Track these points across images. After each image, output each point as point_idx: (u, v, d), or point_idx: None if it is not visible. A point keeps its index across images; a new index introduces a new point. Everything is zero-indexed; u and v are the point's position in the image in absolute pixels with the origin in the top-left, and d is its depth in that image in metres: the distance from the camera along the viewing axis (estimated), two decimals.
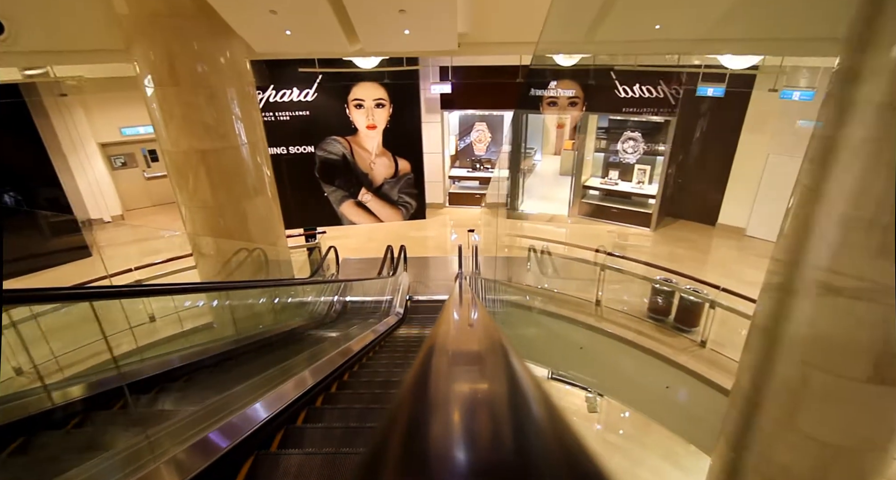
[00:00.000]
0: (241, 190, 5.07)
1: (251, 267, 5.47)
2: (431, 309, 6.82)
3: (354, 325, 5.55)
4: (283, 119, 9.21)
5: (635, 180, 9.99)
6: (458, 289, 4.03)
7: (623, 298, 6.71)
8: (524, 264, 7.62)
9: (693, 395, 5.07)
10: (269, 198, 5.58)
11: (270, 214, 5.60)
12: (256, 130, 5.11)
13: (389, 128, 9.78)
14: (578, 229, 10.06)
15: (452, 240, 9.91)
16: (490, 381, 0.68)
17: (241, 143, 4.90)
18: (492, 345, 0.92)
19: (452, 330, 1.24)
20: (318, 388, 2.96)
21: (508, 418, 0.51)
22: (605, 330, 6.08)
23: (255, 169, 5.18)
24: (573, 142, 14.60)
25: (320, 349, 4.26)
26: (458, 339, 1.10)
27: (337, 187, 10.20)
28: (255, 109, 5.10)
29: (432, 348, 0.84)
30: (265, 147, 5.40)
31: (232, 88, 4.60)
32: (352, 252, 9.15)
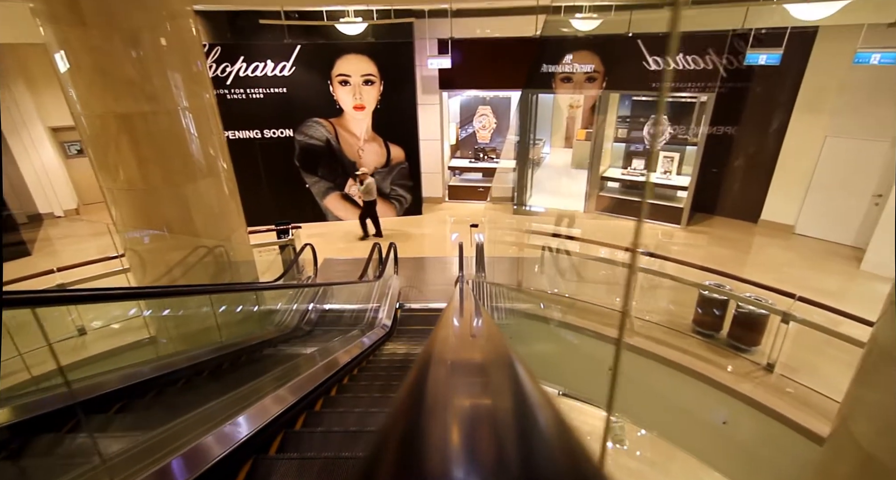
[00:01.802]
0: (182, 169, 4.13)
1: (201, 269, 4.53)
2: (426, 320, 5.86)
3: (328, 342, 4.60)
4: (257, 97, 8.27)
5: (661, 169, 9.04)
6: (458, 295, 3.24)
7: (660, 307, 5.76)
8: (537, 265, 6.65)
9: (761, 435, 4.10)
10: (222, 181, 4.62)
11: (223, 201, 4.65)
12: (202, 91, 4.16)
13: (380, 109, 8.83)
14: (597, 225, 9.09)
15: (453, 240, 8.94)
16: (495, 401, 0.56)
17: (180, 106, 3.95)
18: (497, 360, 0.79)
19: (451, 342, 0.99)
20: (257, 440, 2.07)
21: (517, 445, 0.44)
22: (640, 347, 5.12)
23: (200, 142, 4.23)
24: (587, 130, 13.69)
25: (275, 379, 3.33)
26: (458, 353, 0.87)
27: (320, 178, 9.25)
28: (201, 62, 4.13)
29: (427, 363, 0.71)
30: (215, 114, 4.45)
31: (164, 31, 3.64)
32: (337, 252, 8.20)
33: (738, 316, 4.74)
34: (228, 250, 5.10)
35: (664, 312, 5.76)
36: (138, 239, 4.36)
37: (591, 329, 5.48)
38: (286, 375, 3.38)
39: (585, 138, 13.64)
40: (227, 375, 3.71)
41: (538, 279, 6.50)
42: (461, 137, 11.61)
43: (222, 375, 3.66)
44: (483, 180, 11.28)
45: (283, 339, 4.66)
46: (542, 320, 5.92)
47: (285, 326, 4.92)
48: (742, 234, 8.24)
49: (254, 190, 8.93)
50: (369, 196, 8.32)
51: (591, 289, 6.24)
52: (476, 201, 10.68)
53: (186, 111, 4.02)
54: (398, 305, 6.00)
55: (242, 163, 8.76)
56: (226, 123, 8.45)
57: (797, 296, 4.10)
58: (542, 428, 0.49)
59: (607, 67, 8.00)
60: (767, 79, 7.42)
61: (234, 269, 4.93)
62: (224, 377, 3.70)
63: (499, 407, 0.55)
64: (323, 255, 8.05)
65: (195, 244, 4.41)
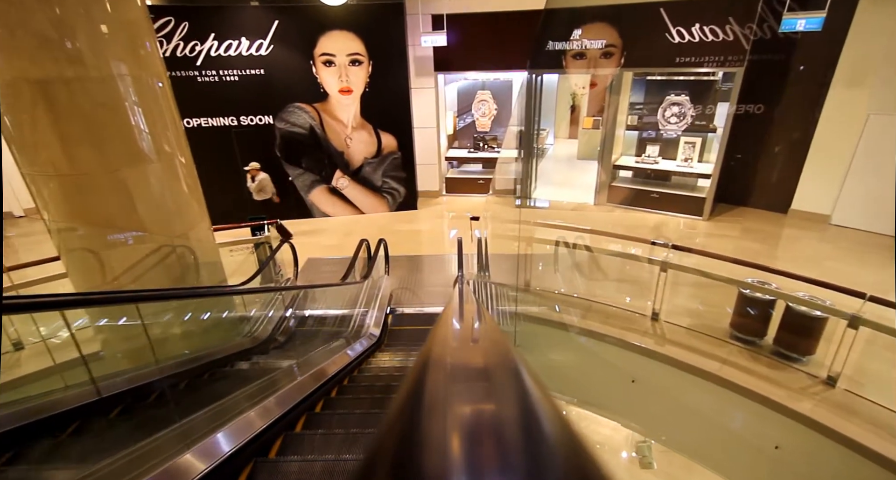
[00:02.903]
0: (121, 151, 3.51)
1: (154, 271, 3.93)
2: (421, 327, 5.23)
3: (304, 355, 3.97)
4: (231, 80, 7.63)
5: (681, 156, 8.42)
6: (457, 297, 2.65)
7: (692, 308, 5.16)
8: (549, 263, 6.03)
9: (825, 464, 3.48)
10: (177, 166, 4.00)
11: (177, 191, 4.02)
12: (146, 56, 3.53)
13: (369, 93, 8.20)
14: (611, 219, 8.47)
15: (451, 237, 8.32)
16: (500, 413, 0.53)
17: (118, 72, 3.32)
18: (502, 368, 0.72)
19: (449, 349, 0.87)
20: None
21: (525, 461, 0.41)
22: (669, 356, 4.51)
23: (146, 118, 3.60)
24: (595, 118, 13.09)
25: (236, 403, 2.73)
26: (457, 360, 0.76)
27: (304, 170, 8.61)
28: (143, 19, 3.49)
29: (421, 373, 0.66)
30: (166, 86, 3.81)
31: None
32: (324, 251, 7.58)
33: (788, 319, 4.13)
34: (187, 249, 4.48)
35: (695, 314, 5.15)
36: (74, 236, 3.74)
37: (613, 335, 4.87)
38: (246, 401, 2.77)
39: (593, 126, 13.07)
40: (173, 401, 3.09)
41: (551, 279, 5.87)
42: (459, 127, 10.99)
43: (167, 402, 3.04)
44: (483, 171, 10.67)
45: (251, 353, 4.04)
46: (555, 325, 5.30)
47: (255, 337, 4.29)
48: (772, 225, 7.63)
49: (230, 184, 8.31)
50: (263, 195, 7.61)
51: (612, 289, 5.63)
52: (476, 195, 10.06)
53: (126, 79, 3.38)
54: (389, 310, 5.37)
55: (217, 154, 8.15)
56: (197, 109, 7.85)
57: (868, 295, 3.48)
58: (552, 443, 0.46)
59: (625, 41, 7.36)
60: (800, 50, 6.81)
61: (193, 271, 4.30)
62: (169, 404, 3.08)
63: (504, 420, 0.50)
64: (307, 254, 7.43)
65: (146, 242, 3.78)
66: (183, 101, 7.64)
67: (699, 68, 7.06)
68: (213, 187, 8.43)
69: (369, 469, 0.45)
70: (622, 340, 4.81)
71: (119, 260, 3.71)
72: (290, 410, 2.74)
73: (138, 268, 3.81)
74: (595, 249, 5.29)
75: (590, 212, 8.91)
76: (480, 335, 1.11)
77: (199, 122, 7.80)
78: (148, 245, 3.84)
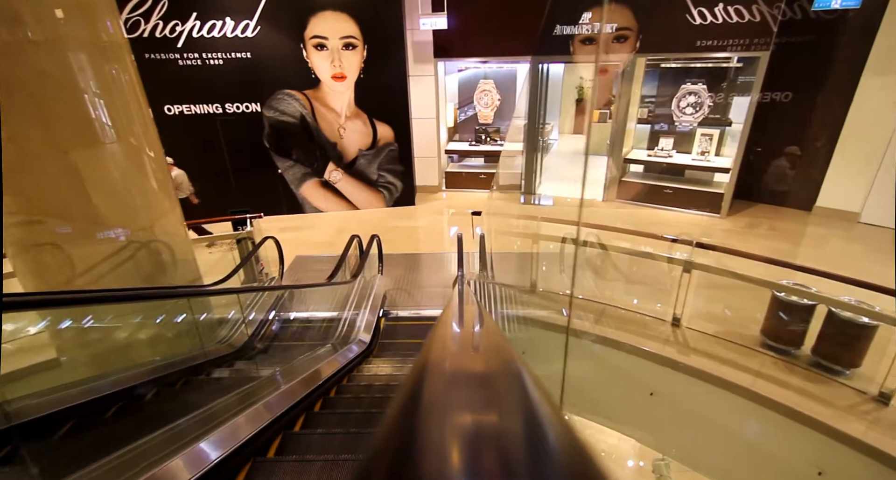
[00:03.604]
0: (71, 128, 3.11)
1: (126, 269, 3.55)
2: (416, 332, 4.83)
3: (284, 364, 3.57)
4: (215, 64, 7.21)
5: (697, 149, 8.01)
6: (456, 298, 2.27)
7: (716, 313, 4.76)
8: (555, 262, 5.63)
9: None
10: (145, 162, 3.61)
11: (141, 177, 3.62)
12: (103, 15, 3.13)
13: (364, 80, 7.78)
14: (621, 216, 8.07)
15: (451, 235, 7.91)
16: (503, 427, 0.50)
17: (67, 35, 2.93)
18: (506, 377, 0.67)
19: (447, 356, 0.80)
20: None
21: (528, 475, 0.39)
22: (693, 367, 4.11)
23: (101, 91, 3.20)
24: (602, 111, 12.70)
25: (197, 424, 2.35)
26: (456, 370, 0.71)
27: (295, 162, 8.20)
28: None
29: (419, 381, 0.62)
30: (133, 75, 3.44)
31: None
32: (315, 248, 7.18)
33: (831, 327, 3.72)
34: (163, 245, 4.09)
35: (720, 319, 4.74)
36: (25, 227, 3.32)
37: (629, 343, 4.46)
38: (213, 418, 2.37)
39: (600, 120, 12.68)
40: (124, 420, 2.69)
41: (559, 279, 5.46)
42: (460, 119, 10.59)
43: (115, 421, 2.64)
44: (485, 165, 10.27)
45: (223, 362, 3.63)
46: (564, 331, 4.88)
47: (230, 344, 3.87)
48: (796, 223, 7.22)
49: (215, 176, 7.90)
50: (179, 193, 7.16)
51: (627, 291, 5.22)
52: (478, 190, 9.66)
53: (77, 44, 2.98)
54: (381, 312, 4.96)
55: (200, 144, 7.74)
56: (179, 94, 7.43)
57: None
58: (560, 461, 0.43)
59: (641, 24, 6.94)
60: (829, 32, 6.39)
61: (163, 269, 3.90)
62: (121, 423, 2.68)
63: (508, 436, 0.48)
64: (296, 251, 7.03)
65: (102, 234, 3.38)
66: (163, 86, 7.28)
67: (721, 52, 6.65)
68: (196, 179, 8.06)
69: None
70: (639, 348, 4.40)
71: (79, 256, 3.31)
72: (260, 431, 2.35)
73: (104, 265, 3.42)
74: (610, 246, 4.87)
75: (598, 209, 8.51)
76: (482, 341, 1.02)
77: (180, 109, 7.39)
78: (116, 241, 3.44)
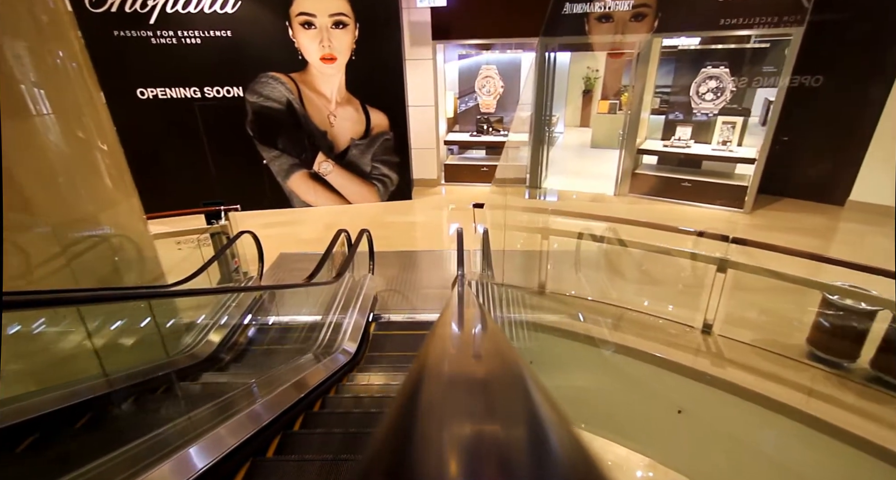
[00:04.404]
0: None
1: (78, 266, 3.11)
2: (411, 340, 4.33)
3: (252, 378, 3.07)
4: (192, 43, 6.70)
5: (717, 139, 7.51)
6: (456, 300, 1.95)
7: (752, 319, 4.28)
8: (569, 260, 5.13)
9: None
10: (97, 158, 3.18)
11: (89, 159, 3.16)
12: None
13: (356, 62, 7.28)
14: (633, 211, 7.57)
15: (451, 233, 7.42)
16: (508, 449, 0.45)
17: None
18: (511, 389, 0.61)
19: (445, 364, 0.75)
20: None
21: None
22: (730, 382, 3.63)
23: (29, 52, 2.74)
24: (611, 102, 12.21)
25: (130, 460, 1.87)
26: (455, 379, 0.65)
27: (281, 152, 7.70)
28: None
29: (413, 393, 0.58)
30: (82, 63, 3.01)
31: None
32: (302, 245, 6.70)
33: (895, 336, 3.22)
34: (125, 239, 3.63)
35: (757, 326, 4.26)
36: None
37: (652, 352, 3.97)
38: (155, 450, 1.90)
39: (608, 111, 12.21)
40: (52, 448, 2.22)
41: (572, 280, 4.97)
42: (461, 110, 10.09)
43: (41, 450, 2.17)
44: (487, 157, 9.78)
45: (184, 375, 3.13)
46: (578, 338, 4.39)
47: (193, 354, 3.37)
48: (828, 219, 6.73)
49: (194, 167, 7.41)
50: None
51: (649, 293, 4.73)
52: (479, 184, 9.17)
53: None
54: (370, 317, 4.47)
55: (176, 131, 7.25)
56: (153, 77, 6.92)
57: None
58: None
59: (660, 0, 6.43)
60: (868, 9, 5.89)
61: (108, 265, 3.42)
62: (46, 452, 2.21)
63: (516, 457, 0.44)
64: (281, 248, 6.55)
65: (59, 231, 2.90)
66: (136, 67, 6.78)
67: (748, 30, 6.14)
68: (173, 169, 7.58)
69: None
70: (665, 359, 3.91)
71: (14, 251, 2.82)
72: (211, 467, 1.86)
73: (53, 262, 2.95)
74: (631, 243, 4.37)
75: (610, 204, 8.01)
76: (484, 349, 0.93)
77: (154, 92, 6.89)
78: (50, 234, 2.96)
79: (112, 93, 6.76)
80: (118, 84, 6.72)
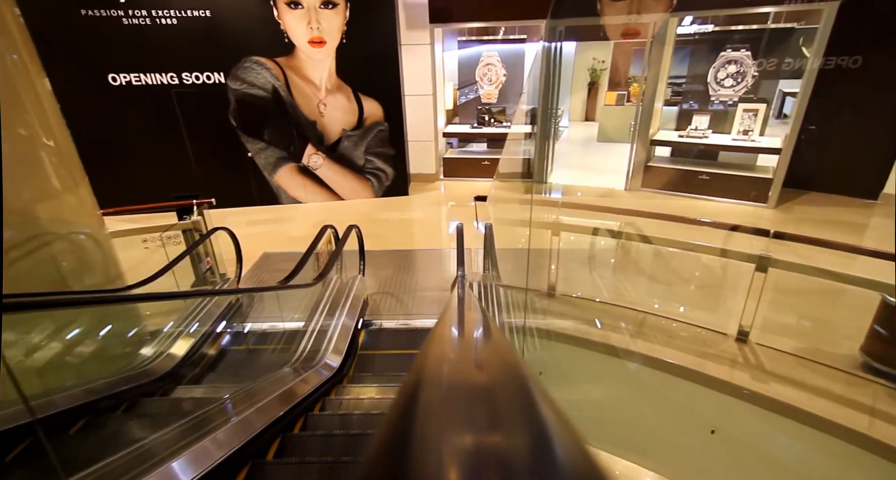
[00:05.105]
0: None
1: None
2: (406, 349, 3.90)
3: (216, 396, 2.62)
4: (167, 23, 6.26)
5: (737, 128, 7.08)
6: (456, 304, 1.68)
7: (792, 324, 3.85)
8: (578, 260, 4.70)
9: None
10: (42, 159, 2.76)
11: (42, 187, 2.74)
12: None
13: (347, 46, 6.85)
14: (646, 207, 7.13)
15: (451, 232, 6.98)
16: (516, 466, 0.42)
17: None
18: (517, 402, 0.57)
19: (444, 375, 0.69)
20: None
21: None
22: (771, 398, 3.21)
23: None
24: (619, 93, 11.79)
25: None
26: (454, 392, 0.60)
27: (268, 144, 7.26)
28: None
29: (407, 407, 0.55)
30: (25, 55, 2.60)
31: None
32: (289, 244, 6.26)
33: None
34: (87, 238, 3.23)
35: (800, 333, 3.82)
36: None
37: (681, 364, 3.54)
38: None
39: (616, 103, 11.80)
40: None
41: (586, 281, 4.53)
42: (461, 102, 9.65)
43: None
44: (489, 151, 9.35)
45: (135, 395, 2.69)
46: (594, 347, 3.95)
47: (148, 370, 2.92)
48: (860, 215, 6.30)
49: (172, 161, 6.97)
50: None
51: (673, 296, 4.30)
52: (480, 179, 8.73)
53: None
54: (361, 323, 4.03)
55: (152, 121, 6.81)
56: (125, 61, 6.44)
57: None
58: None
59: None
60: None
61: (51, 265, 2.97)
62: None
63: (520, 474, 0.41)
64: (266, 247, 6.11)
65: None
66: (106, 50, 6.33)
67: (775, 6, 5.70)
68: (149, 163, 7.13)
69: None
70: (696, 371, 3.48)
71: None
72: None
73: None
74: (655, 239, 3.93)
75: (622, 199, 7.58)
76: (487, 357, 0.85)
77: (128, 78, 6.44)
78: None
79: (79, 79, 6.35)
80: (87, 69, 6.28)
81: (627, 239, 4.12)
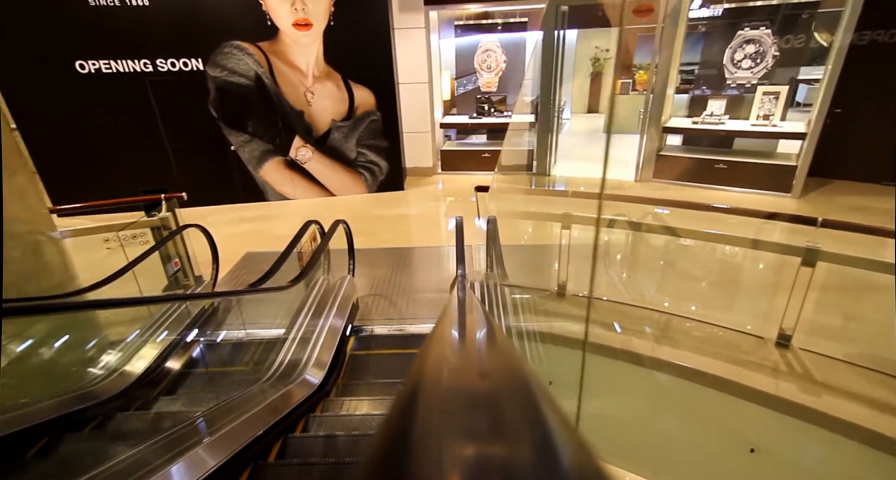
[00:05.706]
0: None
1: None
2: (400, 359, 3.50)
3: (170, 424, 2.21)
4: (138, 5, 5.84)
5: (757, 112, 6.67)
6: (455, 306, 1.42)
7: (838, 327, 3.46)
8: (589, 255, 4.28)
9: None
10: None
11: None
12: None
13: (335, 29, 6.43)
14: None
15: (450, 229, 6.58)
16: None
17: None
18: (523, 414, 0.52)
19: (443, 384, 0.63)
20: None
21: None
22: (823, 413, 2.83)
23: None
24: (623, 81, 11.41)
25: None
26: (454, 403, 0.55)
27: (251, 136, 6.85)
28: None
29: (402, 420, 0.51)
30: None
31: None
32: (275, 243, 5.79)
33: None
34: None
35: (846, 336, 3.42)
36: None
37: (714, 373, 3.14)
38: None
39: (621, 91, 11.41)
40: None
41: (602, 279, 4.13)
42: (459, 93, 9.23)
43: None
44: (489, 143, 8.95)
45: (78, 422, 2.28)
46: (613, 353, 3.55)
47: (89, 393, 2.51)
48: (891, 204, 5.89)
49: (148, 155, 6.56)
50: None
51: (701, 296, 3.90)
52: (480, 173, 8.33)
53: None
54: (349, 329, 3.62)
55: (125, 112, 6.39)
56: (93, 46, 5.97)
57: None
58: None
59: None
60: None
61: None
62: None
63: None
64: (249, 246, 5.71)
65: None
66: (73, 34, 5.89)
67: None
68: (123, 157, 6.71)
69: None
70: (732, 381, 3.08)
71: None
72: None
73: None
74: (682, 232, 3.52)
75: (632, 191, 7.17)
76: (490, 364, 0.79)
77: (97, 65, 6.03)
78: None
79: (44, 66, 5.93)
80: (51, 55, 5.86)
81: (648, 231, 3.71)
